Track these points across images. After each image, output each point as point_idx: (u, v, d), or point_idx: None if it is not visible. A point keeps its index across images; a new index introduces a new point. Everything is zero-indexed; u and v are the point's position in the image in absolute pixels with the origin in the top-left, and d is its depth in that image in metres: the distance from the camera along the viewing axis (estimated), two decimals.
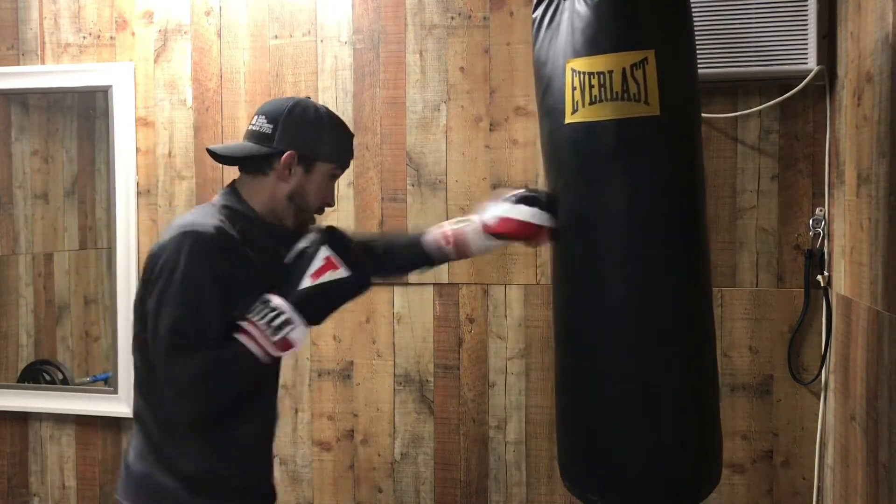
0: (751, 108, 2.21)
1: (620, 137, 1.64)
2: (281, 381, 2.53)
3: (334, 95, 2.49)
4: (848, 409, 1.95)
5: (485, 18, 2.39)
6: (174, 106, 2.61)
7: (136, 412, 1.59)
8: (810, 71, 2.10)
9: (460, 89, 2.41)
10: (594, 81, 1.64)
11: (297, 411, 2.54)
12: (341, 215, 2.49)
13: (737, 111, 2.22)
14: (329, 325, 2.49)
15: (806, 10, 2.10)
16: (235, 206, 1.58)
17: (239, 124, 2.55)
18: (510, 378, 2.40)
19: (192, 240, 1.47)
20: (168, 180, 2.61)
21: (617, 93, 1.62)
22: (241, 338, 1.47)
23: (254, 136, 1.58)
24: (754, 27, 2.13)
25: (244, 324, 1.48)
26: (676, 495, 1.69)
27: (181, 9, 2.59)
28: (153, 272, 1.49)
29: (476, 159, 2.40)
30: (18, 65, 2.70)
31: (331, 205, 1.66)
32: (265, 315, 1.48)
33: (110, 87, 2.62)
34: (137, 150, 2.62)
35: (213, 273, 1.48)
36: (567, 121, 1.67)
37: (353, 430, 2.51)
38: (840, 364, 2.04)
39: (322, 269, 1.52)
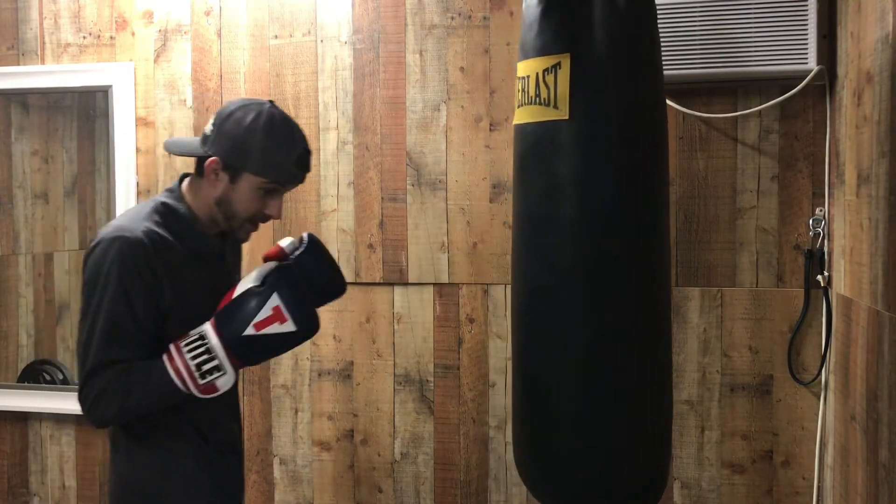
0: (751, 108, 2.21)
1: (534, 140, 1.71)
2: (281, 380, 2.54)
3: (334, 95, 2.49)
4: (848, 409, 1.95)
5: (485, 18, 2.39)
6: (174, 106, 2.61)
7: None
8: (810, 71, 2.10)
9: (460, 89, 2.41)
10: (520, 86, 1.75)
11: (296, 411, 2.53)
12: (341, 216, 2.49)
13: (737, 111, 2.22)
14: (329, 325, 2.49)
15: (806, 10, 2.10)
16: (173, 205, 1.56)
17: None
18: (510, 378, 2.39)
19: (117, 248, 1.44)
20: (168, 180, 2.60)
21: (531, 97, 1.70)
22: (167, 366, 1.44)
23: (202, 136, 1.55)
24: (754, 27, 2.13)
25: (174, 352, 1.44)
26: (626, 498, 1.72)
27: (181, 9, 2.59)
28: (83, 281, 1.48)
29: (476, 159, 2.40)
30: (18, 65, 2.70)
31: (274, 217, 1.58)
32: (198, 354, 1.42)
33: (110, 87, 2.62)
34: (137, 150, 2.62)
35: (141, 282, 1.45)
36: (513, 122, 1.81)
37: (352, 430, 2.50)
38: (840, 364, 2.04)
39: (268, 319, 1.42)
